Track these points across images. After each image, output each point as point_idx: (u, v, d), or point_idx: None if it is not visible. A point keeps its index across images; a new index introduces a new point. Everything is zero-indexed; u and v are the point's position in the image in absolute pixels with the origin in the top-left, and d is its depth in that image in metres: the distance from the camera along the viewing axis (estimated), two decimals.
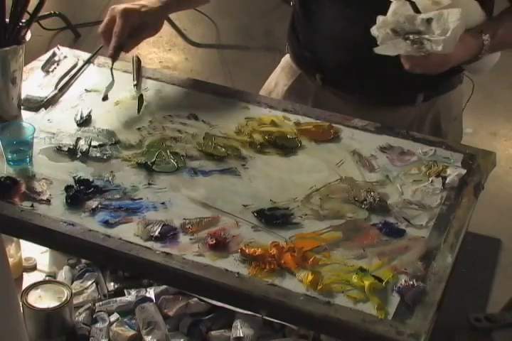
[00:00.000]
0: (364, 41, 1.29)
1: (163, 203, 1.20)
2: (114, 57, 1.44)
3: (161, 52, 3.72)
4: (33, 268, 1.80)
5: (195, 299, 1.68)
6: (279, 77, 1.71)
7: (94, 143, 1.33)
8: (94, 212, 1.17)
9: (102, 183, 1.23)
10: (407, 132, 1.43)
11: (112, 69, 1.48)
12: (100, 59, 1.57)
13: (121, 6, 1.42)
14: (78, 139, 1.34)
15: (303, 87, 1.62)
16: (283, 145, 1.37)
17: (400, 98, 1.57)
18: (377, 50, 1.28)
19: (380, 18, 1.27)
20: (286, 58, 1.71)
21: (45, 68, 1.54)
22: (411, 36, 1.25)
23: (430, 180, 1.30)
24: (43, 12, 1.74)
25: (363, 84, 1.54)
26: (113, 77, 1.49)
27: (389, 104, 1.57)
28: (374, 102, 1.54)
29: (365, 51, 1.34)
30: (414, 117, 1.59)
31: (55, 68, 1.55)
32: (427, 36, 1.24)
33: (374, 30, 1.28)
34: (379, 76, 1.50)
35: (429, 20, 1.24)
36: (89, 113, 1.41)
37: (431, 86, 1.56)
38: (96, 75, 1.53)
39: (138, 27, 1.43)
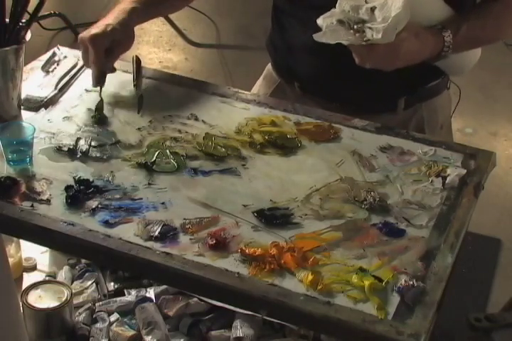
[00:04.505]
0: (336, 49, 1.28)
1: (163, 203, 1.20)
2: (101, 84, 1.43)
3: (161, 52, 3.72)
4: (33, 268, 1.80)
5: (195, 299, 1.68)
6: (261, 85, 1.70)
7: (94, 143, 1.33)
8: (94, 212, 1.17)
9: (102, 183, 1.23)
10: (407, 132, 1.44)
11: (101, 94, 1.44)
12: None
13: (87, 33, 1.39)
14: (78, 139, 1.34)
15: (283, 96, 1.59)
16: (283, 145, 1.37)
17: (380, 105, 1.55)
18: (316, 37, 1.27)
19: (332, 10, 1.27)
20: (268, 66, 1.70)
21: (45, 68, 1.54)
22: (355, 26, 1.24)
23: (430, 180, 1.30)
24: (43, 12, 1.74)
25: (341, 92, 1.52)
26: (102, 99, 1.44)
27: (369, 111, 1.53)
28: (354, 110, 1.49)
29: (339, 59, 1.33)
30: (396, 124, 1.56)
31: (55, 68, 1.55)
32: (369, 24, 1.23)
33: (319, 20, 1.27)
34: (356, 84, 1.48)
35: (372, 9, 1.24)
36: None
37: (411, 91, 1.53)
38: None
39: (110, 47, 1.40)
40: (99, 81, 1.42)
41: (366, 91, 1.50)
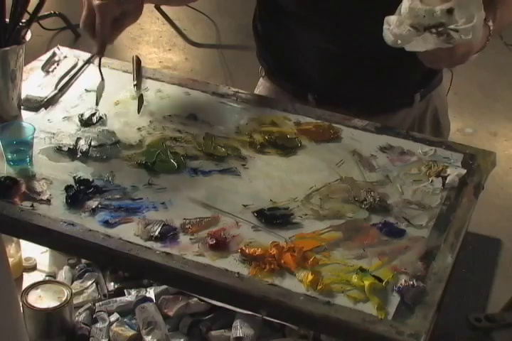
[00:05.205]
0: (357, 53, 1.26)
1: (163, 203, 1.20)
2: (101, 54, 1.39)
3: (161, 52, 3.72)
4: (33, 268, 1.80)
5: (195, 299, 1.68)
6: None
7: (94, 143, 1.33)
8: (94, 212, 1.17)
9: (102, 183, 1.23)
10: (407, 132, 1.43)
11: (100, 66, 1.45)
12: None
13: (96, 1, 1.31)
14: (78, 139, 1.34)
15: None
16: (283, 145, 1.37)
17: (399, 102, 1.55)
18: (409, 48, 1.23)
19: (392, 18, 1.24)
20: (265, 84, 1.65)
21: (45, 68, 1.54)
22: (433, 30, 1.21)
23: (430, 180, 1.30)
24: (43, 12, 1.74)
25: (360, 96, 1.50)
26: (103, 77, 1.46)
27: (388, 110, 1.53)
28: (372, 111, 1.49)
29: (361, 63, 1.32)
30: (414, 118, 1.57)
31: (55, 68, 1.54)
32: (452, 26, 1.20)
33: (395, 29, 1.23)
34: (378, 85, 1.48)
35: (450, 10, 1.20)
36: (98, 114, 1.41)
37: (426, 83, 1.54)
38: (96, 75, 1.53)
39: (118, 17, 1.33)
40: (99, 51, 1.37)
41: (387, 91, 1.50)
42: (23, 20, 1.36)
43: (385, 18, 1.24)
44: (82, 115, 1.39)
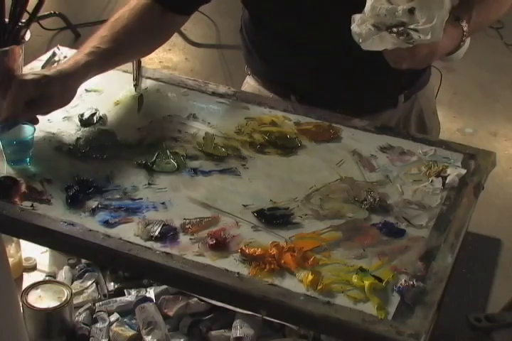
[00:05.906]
0: (338, 55, 1.25)
1: (163, 203, 1.20)
2: (6, 126, 1.25)
3: (161, 52, 3.72)
4: (33, 268, 1.80)
5: (195, 299, 1.68)
6: None
7: (94, 143, 1.33)
8: (94, 212, 1.17)
9: (102, 183, 1.23)
10: (407, 132, 1.44)
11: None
12: None
13: (19, 76, 1.26)
14: (78, 139, 1.34)
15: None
16: (283, 145, 1.37)
17: (383, 103, 1.55)
18: (365, 46, 1.24)
19: (356, 16, 1.24)
20: (250, 82, 1.65)
21: (45, 68, 1.54)
22: (394, 29, 1.21)
23: (430, 180, 1.30)
24: (42, 12, 1.75)
25: (343, 98, 1.50)
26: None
27: (372, 111, 1.53)
28: (356, 112, 1.47)
29: (340, 64, 1.31)
30: (398, 119, 1.56)
31: None
32: (412, 26, 1.21)
33: (355, 28, 1.24)
34: (358, 87, 1.47)
35: (411, 10, 1.21)
36: (98, 114, 1.41)
37: (410, 84, 1.54)
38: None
39: (39, 98, 1.25)
40: (4, 126, 1.26)
41: (371, 92, 1.50)
42: (23, 20, 1.36)
43: (351, 16, 1.24)
44: (82, 115, 1.40)
